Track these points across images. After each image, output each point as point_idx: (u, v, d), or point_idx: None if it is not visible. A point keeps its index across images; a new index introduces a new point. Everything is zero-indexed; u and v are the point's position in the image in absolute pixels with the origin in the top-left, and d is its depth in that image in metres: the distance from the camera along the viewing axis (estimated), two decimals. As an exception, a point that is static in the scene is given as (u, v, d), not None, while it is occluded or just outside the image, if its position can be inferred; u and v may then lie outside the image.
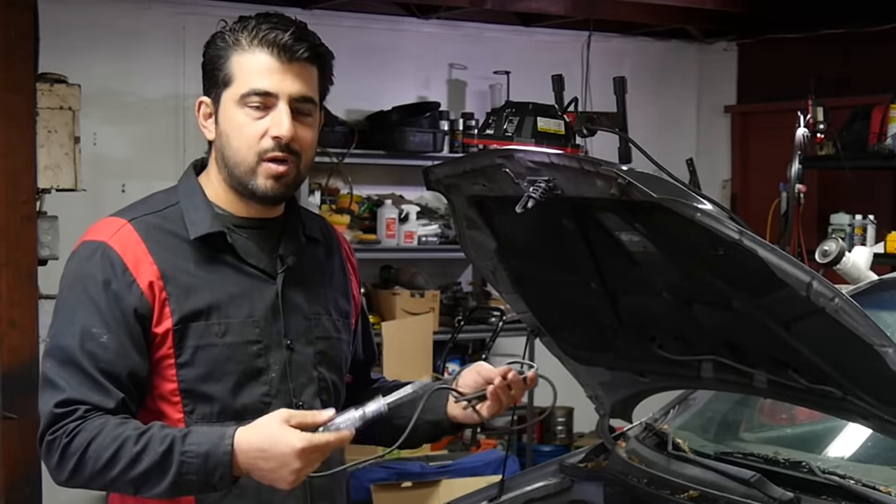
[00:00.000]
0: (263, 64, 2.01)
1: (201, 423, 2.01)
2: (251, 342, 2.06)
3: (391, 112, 6.29)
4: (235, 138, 2.04)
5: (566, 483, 2.83)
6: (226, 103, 2.05)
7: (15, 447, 4.27)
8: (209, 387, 2.03)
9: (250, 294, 2.07)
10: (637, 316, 2.49)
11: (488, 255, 2.56)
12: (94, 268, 2.01)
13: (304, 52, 2.02)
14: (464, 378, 2.18)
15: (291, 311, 2.11)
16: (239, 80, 2.03)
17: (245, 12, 2.11)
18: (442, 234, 6.52)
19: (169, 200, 2.12)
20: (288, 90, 2.02)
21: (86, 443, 1.93)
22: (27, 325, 4.29)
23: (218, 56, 2.05)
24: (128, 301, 1.99)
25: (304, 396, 2.10)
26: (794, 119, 5.23)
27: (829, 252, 3.94)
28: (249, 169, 2.04)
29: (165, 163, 6.03)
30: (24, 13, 4.25)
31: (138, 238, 2.03)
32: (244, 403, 2.05)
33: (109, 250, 2.02)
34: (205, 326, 2.02)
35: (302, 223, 2.18)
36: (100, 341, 1.97)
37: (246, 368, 2.05)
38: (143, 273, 2.01)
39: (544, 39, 7.05)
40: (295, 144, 2.03)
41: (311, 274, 2.17)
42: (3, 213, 4.23)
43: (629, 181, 2.02)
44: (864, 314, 1.95)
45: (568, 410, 6.81)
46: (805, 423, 2.95)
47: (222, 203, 2.10)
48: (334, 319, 2.19)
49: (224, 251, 2.07)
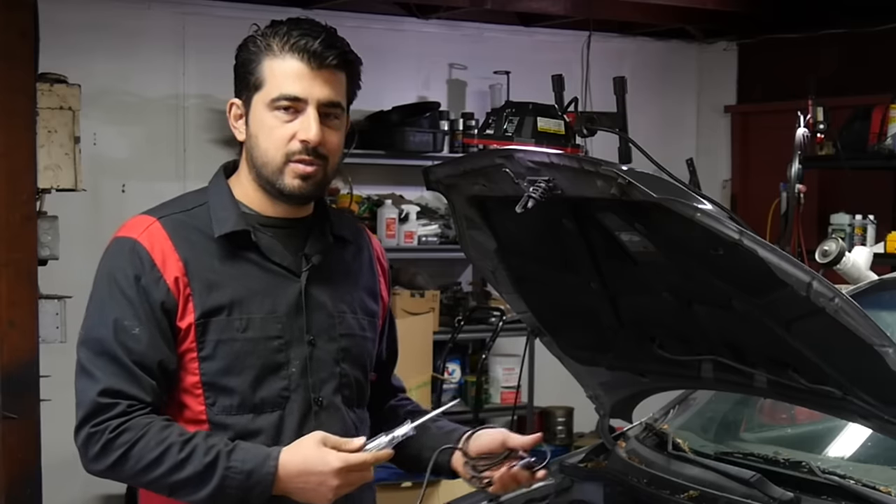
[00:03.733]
0: (294, 69, 2.07)
1: (222, 416, 2.08)
2: (272, 337, 2.12)
3: (391, 112, 6.29)
4: (264, 139, 2.11)
5: (566, 483, 2.83)
6: (256, 106, 2.11)
7: (15, 447, 4.26)
8: (230, 380, 2.09)
9: (274, 290, 2.13)
10: (637, 316, 2.49)
11: (488, 255, 2.56)
12: (124, 263, 2.09)
13: (334, 59, 2.09)
14: (481, 439, 2.21)
15: (315, 308, 2.16)
16: (270, 85, 2.09)
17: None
18: (442, 234, 6.52)
19: (198, 200, 2.18)
20: (317, 95, 2.08)
21: (131, 442, 2.01)
22: (27, 325, 4.28)
23: (250, 60, 2.11)
24: (155, 296, 2.07)
25: (324, 392, 2.15)
26: (794, 119, 5.23)
27: (829, 252, 3.94)
28: (277, 169, 2.10)
29: (165, 163, 6.04)
30: (24, 13, 4.25)
31: (165, 235, 2.11)
32: (263, 397, 2.10)
33: (139, 246, 2.10)
34: (226, 321, 2.09)
35: (330, 223, 2.23)
36: (132, 333, 2.06)
37: (266, 362, 2.11)
38: (169, 269, 2.08)
39: (544, 39, 7.05)
40: (322, 148, 2.10)
41: (337, 273, 2.22)
42: (3, 213, 4.23)
43: (629, 181, 2.02)
44: (864, 314, 1.95)
45: (568, 410, 6.81)
46: (805, 423, 2.95)
47: (251, 202, 2.17)
48: (359, 318, 2.23)
49: (249, 249, 2.13)
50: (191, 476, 2.00)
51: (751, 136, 7.58)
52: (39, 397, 4.28)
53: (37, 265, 4.34)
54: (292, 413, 2.12)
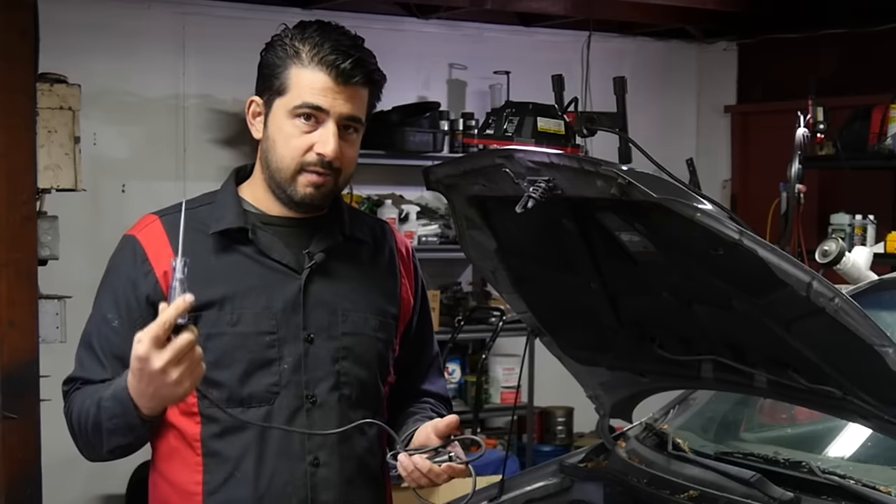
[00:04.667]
0: (320, 82, 2.09)
1: (213, 409, 2.10)
2: (265, 332, 2.12)
3: (391, 112, 6.29)
4: (281, 146, 2.12)
5: (566, 483, 2.83)
6: (277, 111, 2.13)
7: (15, 447, 4.26)
8: (219, 373, 2.09)
9: (270, 287, 2.14)
10: (637, 316, 2.49)
11: (488, 255, 2.56)
12: (121, 259, 2.17)
13: (361, 78, 2.11)
14: (417, 436, 2.18)
15: (315, 305, 2.16)
16: (293, 93, 2.10)
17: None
18: (442, 234, 6.52)
19: (206, 199, 2.22)
20: (339, 110, 2.10)
21: (71, 416, 2.12)
22: (27, 325, 4.28)
23: (276, 64, 2.13)
24: (142, 289, 2.11)
25: (318, 390, 2.15)
26: (794, 119, 5.23)
27: (829, 252, 3.94)
28: (290, 176, 2.12)
29: (165, 163, 6.04)
30: (24, 13, 4.24)
31: (163, 231, 2.15)
32: (251, 392, 2.11)
33: (136, 243, 2.16)
34: (217, 315, 2.10)
35: (344, 223, 2.23)
36: (112, 326, 2.13)
37: (255, 357, 2.11)
38: (161, 263, 2.11)
39: (544, 39, 7.05)
40: (337, 162, 2.12)
41: (345, 271, 2.22)
42: (3, 213, 4.22)
43: (629, 181, 2.02)
44: (864, 314, 1.95)
45: (568, 410, 6.81)
46: (805, 423, 2.95)
47: (257, 202, 2.19)
48: (369, 317, 2.22)
49: (247, 246, 2.15)
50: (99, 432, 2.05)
51: (751, 136, 7.59)
52: (39, 397, 4.27)
53: (37, 265, 4.34)
54: (281, 409, 2.12)
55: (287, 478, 2.13)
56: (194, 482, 2.13)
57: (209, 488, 2.13)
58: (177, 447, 2.15)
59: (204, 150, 6.09)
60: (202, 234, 2.14)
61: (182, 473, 2.15)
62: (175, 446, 2.15)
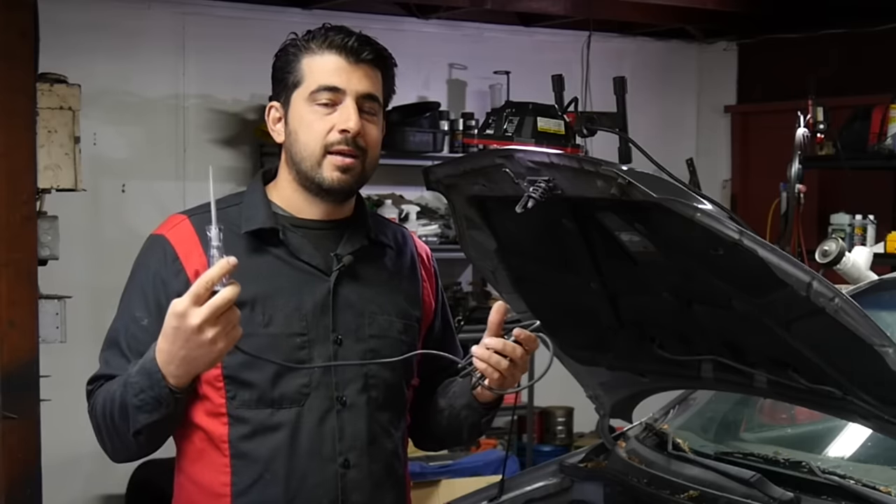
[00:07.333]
0: (333, 63, 2.12)
1: (242, 410, 2.09)
2: (295, 334, 2.12)
3: (391, 112, 6.23)
4: (304, 133, 2.13)
5: (566, 483, 2.83)
6: (295, 103, 2.15)
7: (15, 447, 4.26)
8: (250, 374, 2.09)
9: (300, 288, 2.14)
10: (637, 316, 2.49)
11: (488, 255, 2.56)
12: (149, 258, 2.15)
13: (370, 54, 2.15)
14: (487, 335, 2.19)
15: (343, 307, 2.16)
16: (309, 80, 2.13)
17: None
18: (442, 234, 6.52)
19: (233, 200, 2.21)
20: (355, 87, 2.12)
21: (94, 409, 2.09)
22: (27, 325, 4.28)
23: (288, 61, 2.16)
24: (172, 287, 2.08)
25: (348, 391, 2.15)
26: (794, 119, 5.23)
27: (829, 252, 3.94)
28: (316, 162, 2.13)
29: (165, 163, 6.04)
30: (24, 13, 4.24)
31: (193, 231, 2.14)
32: (282, 392, 2.11)
33: (165, 242, 2.14)
34: (249, 316, 2.07)
35: (369, 227, 2.25)
36: (141, 325, 2.10)
37: (287, 358, 2.10)
38: (192, 262, 2.10)
39: (544, 39, 7.05)
40: (361, 140, 2.13)
41: (372, 274, 2.22)
42: (3, 213, 4.22)
43: (629, 181, 2.02)
44: (864, 314, 1.95)
45: (568, 410, 6.81)
46: (805, 423, 2.95)
47: (286, 204, 2.19)
48: (394, 320, 2.22)
49: (277, 247, 2.15)
50: (126, 413, 2.00)
51: (751, 136, 7.59)
52: (39, 397, 4.27)
53: (37, 265, 4.34)
54: (311, 410, 2.11)
55: (318, 479, 2.12)
56: (221, 483, 2.12)
57: (238, 489, 2.12)
58: (203, 449, 2.14)
59: (204, 150, 6.09)
60: (233, 234, 2.11)
61: (209, 475, 2.13)
62: (201, 448, 2.14)
